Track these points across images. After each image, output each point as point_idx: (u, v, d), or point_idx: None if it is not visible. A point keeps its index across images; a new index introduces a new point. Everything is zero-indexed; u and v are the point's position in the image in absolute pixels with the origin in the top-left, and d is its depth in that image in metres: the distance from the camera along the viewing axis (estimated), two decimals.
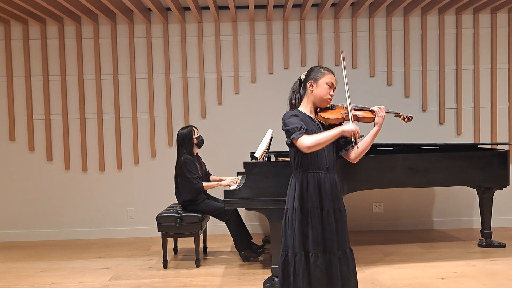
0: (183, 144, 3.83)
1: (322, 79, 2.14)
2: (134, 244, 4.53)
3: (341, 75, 2.16)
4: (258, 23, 4.81)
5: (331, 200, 2.10)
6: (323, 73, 2.15)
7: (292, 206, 2.11)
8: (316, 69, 2.19)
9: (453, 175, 3.83)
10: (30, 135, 4.79)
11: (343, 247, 2.10)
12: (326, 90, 2.14)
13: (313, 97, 2.16)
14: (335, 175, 2.17)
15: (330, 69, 2.19)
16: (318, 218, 2.07)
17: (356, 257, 3.80)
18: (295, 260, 2.06)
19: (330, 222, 2.08)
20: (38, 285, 3.38)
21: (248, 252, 3.77)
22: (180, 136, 3.85)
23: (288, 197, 2.15)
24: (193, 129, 3.88)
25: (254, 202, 3.23)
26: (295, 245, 2.06)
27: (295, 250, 2.06)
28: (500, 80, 4.84)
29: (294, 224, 2.08)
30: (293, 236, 2.07)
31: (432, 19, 4.81)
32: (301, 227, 2.07)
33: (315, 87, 2.15)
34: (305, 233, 2.07)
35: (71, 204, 4.83)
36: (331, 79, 2.16)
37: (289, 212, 2.12)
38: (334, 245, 2.07)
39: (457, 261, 3.67)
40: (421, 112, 4.85)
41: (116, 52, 4.77)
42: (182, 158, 3.77)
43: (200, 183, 3.73)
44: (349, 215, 4.79)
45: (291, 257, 2.07)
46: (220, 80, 4.81)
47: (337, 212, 2.11)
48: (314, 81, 2.15)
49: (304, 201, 2.09)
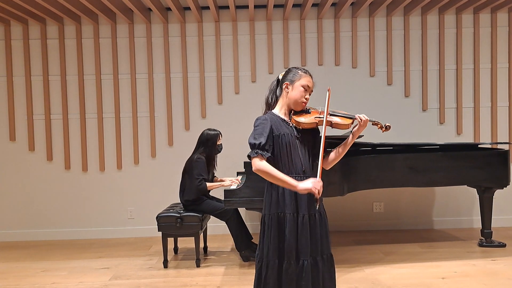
0: (206, 144, 3.83)
1: (298, 81, 2.06)
2: (135, 244, 4.53)
3: (322, 106, 2.08)
4: (258, 23, 4.81)
5: (307, 205, 2.03)
6: (300, 75, 2.07)
7: (269, 212, 2.05)
8: (293, 70, 2.11)
9: (453, 174, 3.83)
10: (30, 135, 4.79)
11: (315, 254, 2.02)
12: (301, 93, 2.05)
13: (288, 100, 2.09)
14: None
15: (308, 71, 2.12)
16: (293, 224, 2.00)
17: (357, 257, 3.84)
18: (267, 268, 2.01)
19: (305, 227, 2.01)
20: (38, 285, 3.38)
21: (248, 251, 3.78)
22: (206, 136, 3.85)
23: (265, 203, 2.08)
24: (219, 135, 3.89)
25: (254, 202, 3.24)
26: (269, 253, 2.01)
27: (268, 257, 2.02)
28: (500, 80, 4.84)
29: (270, 231, 2.02)
30: (268, 244, 2.02)
31: (432, 18, 4.81)
32: (277, 233, 2.02)
33: (290, 89, 2.07)
34: (280, 240, 2.01)
35: (71, 204, 4.83)
36: (307, 81, 2.06)
37: (266, 218, 2.06)
38: (307, 252, 1.99)
39: (457, 261, 3.67)
40: (421, 112, 4.85)
41: (116, 52, 4.77)
42: (196, 157, 3.77)
43: (203, 184, 3.72)
44: (349, 215, 4.86)
45: (264, 264, 2.02)
46: (220, 80, 4.81)
47: (312, 217, 2.04)
48: (290, 82, 2.07)
49: (280, 207, 2.03)
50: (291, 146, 2.04)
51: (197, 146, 3.89)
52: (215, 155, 3.93)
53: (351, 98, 4.78)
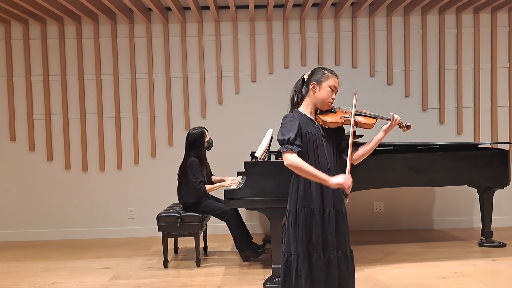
0: (193, 146, 3.78)
1: (325, 82, 2.12)
2: (135, 244, 4.53)
3: (351, 110, 2.16)
4: (258, 23, 4.81)
5: (333, 201, 2.10)
6: (327, 76, 2.13)
7: (295, 207, 2.10)
8: (320, 70, 2.16)
9: (454, 174, 3.83)
10: (30, 135, 4.79)
11: (343, 248, 2.11)
12: (328, 94, 2.12)
13: (315, 99, 2.14)
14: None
15: (334, 71, 2.17)
16: (320, 219, 2.08)
17: (357, 257, 3.83)
18: (297, 261, 2.06)
19: (331, 223, 2.08)
20: (38, 285, 3.38)
21: (248, 251, 3.77)
22: (191, 136, 3.79)
23: (291, 198, 2.15)
24: (204, 132, 3.82)
25: (254, 202, 3.23)
26: (298, 246, 2.07)
27: (297, 251, 2.07)
28: (500, 80, 4.84)
29: (297, 225, 2.08)
30: (296, 237, 2.08)
31: (432, 18, 4.81)
32: (304, 228, 2.07)
33: (317, 89, 2.12)
34: (307, 234, 2.07)
35: (71, 204, 4.83)
36: (334, 82, 2.13)
37: (292, 213, 2.11)
38: (333, 246, 2.08)
39: (457, 261, 3.67)
40: (422, 112, 4.85)
41: (116, 52, 4.77)
42: (189, 161, 3.73)
43: (203, 187, 3.71)
44: (349, 215, 4.79)
45: (294, 258, 2.07)
46: (220, 79, 4.81)
47: (338, 213, 2.12)
48: (318, 83, 2.12)
49: (306, 202, 2.09)
50: (318, 144, 2.10)
51: (186, 149, 3.81)
52: (207, 150, 3.89)
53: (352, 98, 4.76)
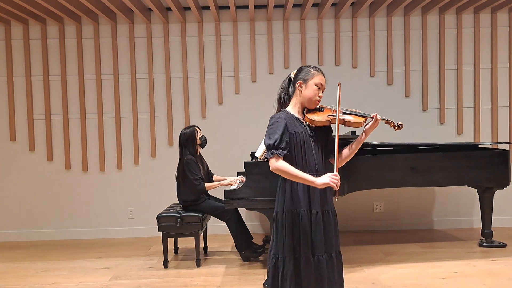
0: (186, 144, 3.81)
1: (311, 80, 2.09)
2: (135, 244, 4.53)
3: (334, 104, 2.11)
4: (258, 23, 4.81)
5: (320, 202, 2.07)
6: (313, 73, 2.11)
7: (282, 209, 2.08)
8: (305, 69, 2.14)
9: (454, 175, 3.83)
10: (30, 135, 4.79)
11: (330, 250, 2.07)
12: (315, 92, 2.09)
13: (301, 98, 2.12)
14: None
15: (320, 69, 2.15)
16: (307, 221, 2.05)
17: (357, 257, 3.84)
18: (283, 264, 2.04)
19: (319, 224, 2.05)
20: (39, 285, 3.38)
21: (248, 252, 3.77)
22: (183, 136, 3.83)
23: (278, 200, 2.12)
24: (196, 129, 3.85)
25: (254, 202, 3.23)
26: (284, 249, 2.05)
27: (284, 254, 2.05)
28: (500, 80, 4.84)
29: (284, 227, 2.06)
30: (283, 240, 2.05)
31: (432, 18, 4.81)
32: (291, 230, 2.05)
33: (304, 87, 2.10)
34: (294, 236, 2.05)
35: (72, 204, 4.83)
36: (320, 80, 2.11)
37: (279, 215, 2.09)
38: (322, 248, 2.04)
39: (457, 261, 3.66)
40: (422, 112, 4.85)
41: (116, 52, 4.78)
42: (185, 159, 3.75)
43: (202, 185, 3.72)
44: (349, 215, 4.85)
45: (280, 261, 2.05)
46: (220, 80, 4.81)
47: (325, 214, 2.08)
48: (304, 81, 2.11)
49: (294, 204, 2.06)
50: (305, 145, 2.07)
51: (180, 150, 3.85)
52: (202, 148, 3.92)
53: (352, 98, 4.77)
